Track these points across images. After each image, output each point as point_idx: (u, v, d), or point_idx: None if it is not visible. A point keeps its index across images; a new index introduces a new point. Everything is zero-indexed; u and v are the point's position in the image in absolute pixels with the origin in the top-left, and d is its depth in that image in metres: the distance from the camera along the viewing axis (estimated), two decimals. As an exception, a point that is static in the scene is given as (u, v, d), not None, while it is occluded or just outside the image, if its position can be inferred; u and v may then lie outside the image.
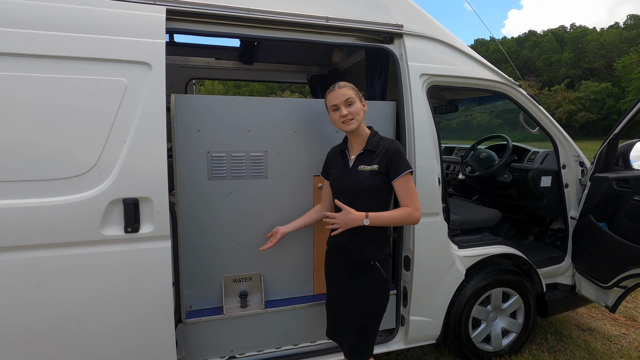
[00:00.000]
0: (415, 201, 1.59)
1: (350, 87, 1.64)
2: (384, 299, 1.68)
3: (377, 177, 1.60)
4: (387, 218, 1.58)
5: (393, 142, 1.64)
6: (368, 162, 1.62)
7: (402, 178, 1.58)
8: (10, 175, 1.40)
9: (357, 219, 1.55)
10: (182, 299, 1.87)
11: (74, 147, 1.46)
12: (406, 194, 1.59)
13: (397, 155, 1.59)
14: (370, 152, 1.64)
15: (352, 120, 1.61)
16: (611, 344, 2.69)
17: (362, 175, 1.61)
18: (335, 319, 1.77)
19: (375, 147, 1.63)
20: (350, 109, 1.61)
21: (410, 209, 1.58)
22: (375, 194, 1.62)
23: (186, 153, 1.76)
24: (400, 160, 1.58)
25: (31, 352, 1.49)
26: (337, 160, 1.74)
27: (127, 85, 1.51)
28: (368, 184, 1.60)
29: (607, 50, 53.70)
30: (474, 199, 3.49)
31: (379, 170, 1.60)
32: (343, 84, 1.65)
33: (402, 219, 1.59)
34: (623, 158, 2.48)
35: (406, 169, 1.57)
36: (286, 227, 1.85)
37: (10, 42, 1.38)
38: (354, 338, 1.67)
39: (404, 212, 1.58)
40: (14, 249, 1.42)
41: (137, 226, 1.54)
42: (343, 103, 1.61)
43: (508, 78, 2.37)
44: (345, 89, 1.63)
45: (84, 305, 1.52)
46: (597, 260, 2.40)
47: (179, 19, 1.69)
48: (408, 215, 1.58)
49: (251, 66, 3.28)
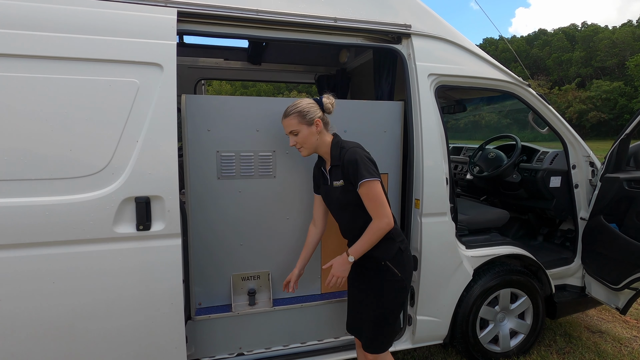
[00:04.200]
0: (379, 209, 1.52)
1: (293, 116, 1.60)
2: (399, 296, 1.67)
3: (348, 191, 1.58)
4: (365, 244, 1.56)
5: (347, 152, 1.57)
6: (337, 178, 1.62)
7: (360, 189, 1.53)
8: (27, 174, 1.43)
9: (343, 263, 1.60)
10: (191, 296, 1.90)
11: (88, 147, 1.49)
12: (369, 204, 1.54)
13: (352, 165, 1.53)
14: (337, 167, 1.62)
15: (301, 149, 1.65)
16: (622, 347, 2.65)
17: (337, 192, 1.63)
18: (353, 314, 1.81)
19: (338, 161, 1.61)
20: (297, 138, 1.62)
21: (375, 222, 1.54)
22: (357, 205, 1.59)
23: (196, 152, 1.79)
24: (355, 171, 1.52)
25: (47, 346, 1.53)
26: (320, 178, 1.77)
27: (139, 86, 1.54)
28: (343, 200, 1.61)
29: (620, 48, 52.73)
30: (482, 199, 3.47)
31: (346, 184, 1.58)
32: (288, 112, 1.62)
33: (375, 236, 1.55)
34: (634, 158, 2.45)
35: (361, 179, 1.50)
36: (298, 268, 1.84)
37: (28, 45, 1.42)
38: (369, 333, 1.70)
39: (372, 230, 1.54)
40: (30, 246, 1.46)
41: (149, 224, 1.57)
42: (289, 134, 1.64)
43: (517, 77, 2.36)
44: (288, 119, 1.61)
45: (97, 301, 1.56)
46: (608, 261, 2.37)
47: (189, 21, 1.71)
48: (376, 230, 1.54)
49: (259, 66, 3.31)
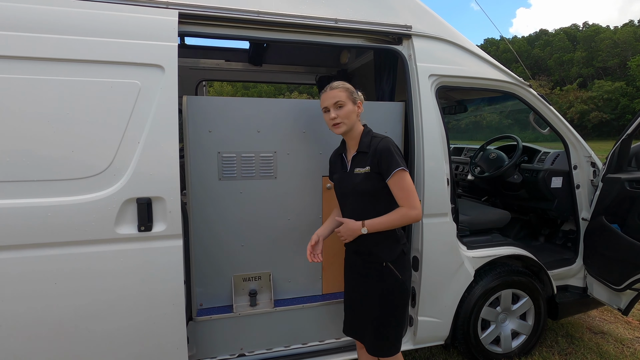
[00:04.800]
0: (412, 199, 1.54)
1: (342, 89, 1.59)
2: (401, 297, 1.65)
3: (371, 179, 1.57)
4: (385, 222, 1.55)
5: (382, 140, 1.58)
6: (362, 165, 1.59)
7: (393, 177, 1.53)
8: (30, 175, 1.44)
9: (354, 229, 1.57)
10: (193, 297, 1.91)
11: (90, 148, 1.50)
12: (400, 193, 1.54)
13: (386, 154, 1.53)
14: (363, 154, 1.60)
15: (340, 124, 1.58)
16: (624, 348, 2.64)
17: (358, 179, 1.59)
18: (354, 317, 1.76)
19: (367, 148, 1.59)
20: (340, 112, 1.57)
21: (405, 209, 1.54)
22: (374, 196, 1.59)
23: (197, 153, 1.80)
24: (390, 159, 1.52)
25: (49, 347, 1.53)
26: (337, 164, 1.73)
27: (140, 88, 1.55)
28: (363, 187, 1.58)
29: (621, 48, 52.64)
30: (483, 200, 3.46)
31: (372, 172, 1.56)
32: (336, 85, 1.60)
33: (399, 220, 1.55)
34: (636, 159, 2.44)
35: (396, 167, 1.51)
36: (322, 231, 1.74)
37: (30, 47, 1.43)
38: (375, 336, 1.66)
39: (400, 214, 1.55)
40: (32, 247, 1.46)
41: (150, 225, 1.58)
42: (333, 106, 1.58)
43: (518, 78, 2.36)
44: (337, 90, 1.59)
45: (99, 302, 1.56)
46: (609, 262, 2.36)
47: (190, 22, 1.72)
48: (404, 216, 1.54)
49: (260, 67, 3.31)
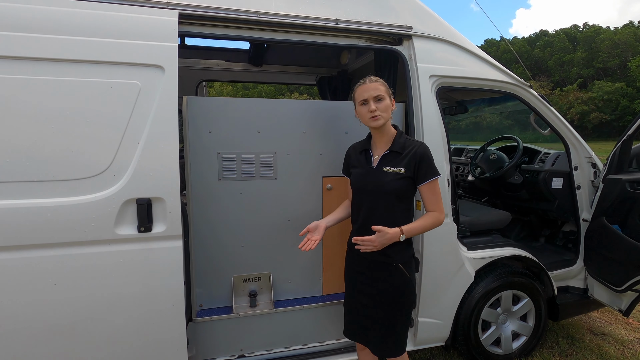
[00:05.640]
0: (441, 204, 1.61)
1: (381, 83, 1.60)
2: (409, 297, 1.66)
3: (403, 180, 1.57)
4: (420, 228, 1.59)
5: (421, 145, 1.60)
6: (394, 164, 1.58)
7: (430, 183, 1.57)
8: (29, 176, 1.44)
9: (394, 237, 1.53)
10: (192, 298, 1.90)
11: (90, 149, 1.49)
12: (433, 198, 1.59)
13: (427, 159, 1.57)
14: (396, 154, 1.60)
15: (378, 117, 1.56)
16: (625, 349, 2.64)
17: (388, 177, 1.58)
18: (358, 319, 1.72)
19: (401, 149, 1.59)
20: (379, 105, 1.56)
21: (436, 213, 1.59)
22: (399, 196, 1.59)
23: (197, 154, 1.79)
24: (430, 165, 1.57)
25: (48, 348, 1.53)
26: (360, 159, 1.69)
27: (140, 88, 1.54)
28: (393, 186, 1.57)
29: (621, 49, 52.60)
30: (484, 201, 3.46)
31: (406, 174, 1.56)
32: (375, 79, 1.61)
33: (432, 225, 1.60)
34: (637, 159, 2.44)
35: (435, 175, 1.57)
36: (327, 220, 1.72)
37: (30, 47, 1.42)
38: (382, 336, 1.64)
39: (433, 218, 1.59)
40: (32, 247, 1.46)
41: (150, 226, 1.57)
42: (373, 98, 1.56)
43: (518, 79, 2.36)
44: (377, 83, 1.59)
45: (98, 302, 1.56)
46: (610, 263, 2.36)
47: (191, 23, 1.72)
48: (436, 220, 1.60)
49: (260, 68, 3.31)
